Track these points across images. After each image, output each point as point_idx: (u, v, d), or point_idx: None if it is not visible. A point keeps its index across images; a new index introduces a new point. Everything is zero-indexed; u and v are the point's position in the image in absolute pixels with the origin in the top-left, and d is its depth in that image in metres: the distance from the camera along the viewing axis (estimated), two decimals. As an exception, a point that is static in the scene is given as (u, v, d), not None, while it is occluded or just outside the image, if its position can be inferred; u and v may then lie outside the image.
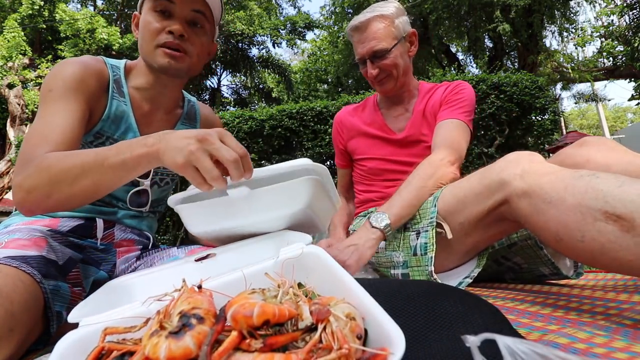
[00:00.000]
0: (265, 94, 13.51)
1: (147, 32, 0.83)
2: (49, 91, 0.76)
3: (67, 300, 0.69)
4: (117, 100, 0.86)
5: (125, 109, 0.87)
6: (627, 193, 0.50)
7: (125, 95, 0.88)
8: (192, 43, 0.85)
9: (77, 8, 11.34)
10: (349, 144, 1.26)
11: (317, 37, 14.40)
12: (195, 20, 0.85)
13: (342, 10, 9.40)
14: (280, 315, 0.30)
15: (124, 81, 0.89)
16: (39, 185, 0.63)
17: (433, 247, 0.78)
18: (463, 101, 1.09)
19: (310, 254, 0.47)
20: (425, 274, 0.79)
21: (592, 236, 0.52)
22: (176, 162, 0.55)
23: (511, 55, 9.53)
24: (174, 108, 0.99)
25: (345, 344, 0.27)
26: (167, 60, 0.82)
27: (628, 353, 0.40)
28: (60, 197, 0.64)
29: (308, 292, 0.40)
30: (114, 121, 0.85)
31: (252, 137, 3.75)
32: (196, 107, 1.07)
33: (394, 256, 0.87)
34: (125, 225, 0.93)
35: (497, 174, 0.70)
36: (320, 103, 3.80)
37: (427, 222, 0.82)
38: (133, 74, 0.91)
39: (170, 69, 0.84)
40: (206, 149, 0.54)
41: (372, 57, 1.09)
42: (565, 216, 0.55)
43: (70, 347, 0.37)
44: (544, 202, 0.59)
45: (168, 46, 0.82)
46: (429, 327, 0.43)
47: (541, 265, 0.85)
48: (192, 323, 0.30)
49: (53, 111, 0.73)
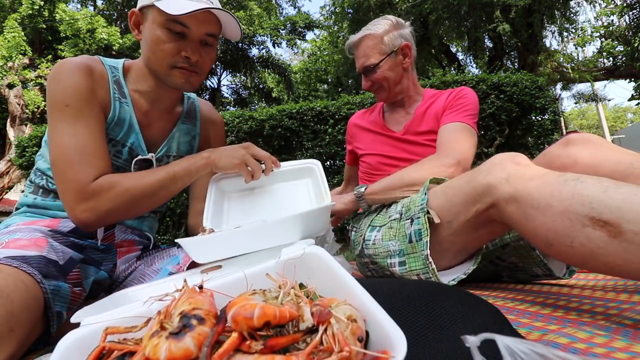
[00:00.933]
0: (265, 94, 13.51)
1: (159, 50, 0.82)
2: (66, 106, 0.77)
3: (67, 300, 0.69)
4: (119, 101, 0.86)
5: (128, 110, 0.88)
6: (612, 199, 0.50)
7: (126, 96, 0.88)
8: (203, 61, 0.87)
9: (77, 8, 11.33)
10: (354, 143, 1.36)
11: (317, 37, 14.40)
12: (207, 41, 0.86)
13: (342, 10, 9.39)
14: (281, 317, 0.30)
15: (124, 82, 0.89)
16: (119, 208, 0.77)
17: (427, 231, 0.79)
18: (466, 105, 1.13)
19: (312, 254, 0.47)
20: (422, 259, 0.80)
21: (581, 242, 0.53)
22: (233, 163, 0.84)
23: (511, 55, 9.52)
24: (174, 107, 0.99)
25: (346, 347, 0.27)
26: (182, 81, 0.86)
27: (628, 353, 0.40)
28: (140, 210, 0.84)
29: (309, 293, 0.40)
30: (117, 123, 0.86)
31: (252, 137, 3.75)
32: (196, 104, 1.07)
33: (391, 245, 0.89)
34: (126, 226, 0.93)
35: (483, 177, 0.70)
36: (320, 103, 3.80)
37: (418, 209, 0.84)
38: (132, 76, 0.91)
39: (185, 88, 0.89)
40: (251, 152, 0.86)
41: (364, 72, 1.22)
42: (554, 222, 0.56)
43: (71, 346, 0.37)
44: (532, 208, 0.59)
45: (184, 68, 0.85)
46: (429, 327, 0.43)
47: (534, 266, 0.86)
48: (193, 324, 0.30)
49: (81, 129, 0.77)
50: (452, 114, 1.12)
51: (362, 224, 1.07)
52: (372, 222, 1.01)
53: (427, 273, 0.80)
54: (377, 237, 0.95)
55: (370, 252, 0.96)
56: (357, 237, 1.06)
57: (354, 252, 1.07)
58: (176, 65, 0.83)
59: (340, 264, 0.42)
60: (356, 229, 1.10)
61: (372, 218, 1.03)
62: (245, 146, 0.86)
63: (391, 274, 0.90)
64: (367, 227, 1.01)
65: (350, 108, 3.71)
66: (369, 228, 1.00)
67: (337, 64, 11.36)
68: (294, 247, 0.49)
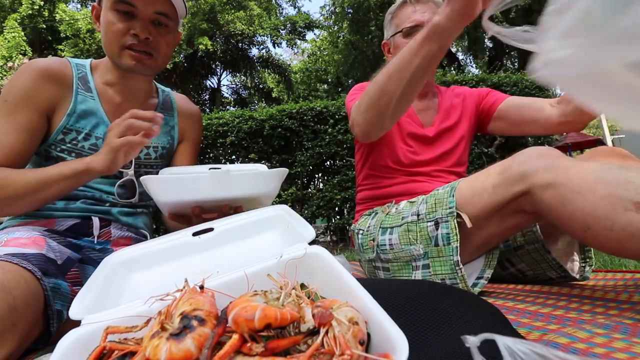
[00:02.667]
0: (265, 94, 13.52)
1: (110, 32, 0.84)
2: (4, 102, 0.81)
3: (67, 299, 0.69)
4: (82, 95, 0.88)
5: (93, 103, 0.89)
6: None
7: (92, 90, 0.89)
8: (157, 43, 0.87)
9: (77, 8, 11.33)
10: None
11: (317, 37, 14.40)
12: (159, 20, 0.87)
13: (342, 10, 9.39)
14: (282, 319, 0.30)
15: (91, 77, 0.90)
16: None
17: (457, 237, 0.78)
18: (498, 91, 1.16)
19: (313, 254, 0.47)
20: (450, 264, 0.78)
21: (622, 225, 0.54)
22: (114, 156, 0.73)
23: (511, 55, 9.53)
24: (147, 99, 1.00)
25: (347, 350, 0.27)
26: (133, 62, 0.85)
27: (628, 353, 0.40)
28: (14, 209, 0.78)
29: (310, 294, 0.40)
30: (82, 116, 0.87)
31: (252, 137, 3.75)
32: (171, 97, 1.07)
33: (413, 250, 0.86)
34: (121, 223, 0.93)
35: (517, 166, 0.71)
36: (320, 103, 3.80)
37: (446, 212, 0.81)
38: (101, 70, 0.93)
39: (137, 70, 0.87)
40: (118, 130, 0.73)
41: None
42: (595, 206, 0.57)
43: (72, 346, 0.37)
44: (572, 193, 0.60)
45: (134, 48, 0.84)
46: (429, 327, 0.43)
47: (548, 270, 0.85)
48: (193, 325, 0.30)
49: (4, 124, 0.80)
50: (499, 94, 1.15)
51: (369, 226, 1.01)
52: (382, 223, 0.96)
53: (454, 279, 0.77)
54: (393, 240, 0.91)
55: (390, 257, 0.92)
56: (366, 241, 1.00)
57: (364, 256, 1.02)
58: (125, 44, 0.84)
59: (341, 264, 0.42)
60: (363, 232, 1.03)
61: (381, 220, 0.98)
62: (110, 128, 0.74)
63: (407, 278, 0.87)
64: (378, 229, 0.96)
65: (350, 108, 3.69)
66: (380, 231, 0.95)
67: (337, 64, 11.37)
68: (296, 246, 0.49)
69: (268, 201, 0.85)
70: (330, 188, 3.73)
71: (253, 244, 0.66)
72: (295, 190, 3.76)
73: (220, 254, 0.64)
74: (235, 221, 0.68)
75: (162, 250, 0.63)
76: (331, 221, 3.95)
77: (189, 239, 0.64)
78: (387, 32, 1.16)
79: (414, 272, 0.86)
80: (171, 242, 0.64)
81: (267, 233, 0.68)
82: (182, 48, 10.56)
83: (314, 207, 3.72)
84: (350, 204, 3.83)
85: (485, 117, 1.15)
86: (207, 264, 0.61)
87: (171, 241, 0.64)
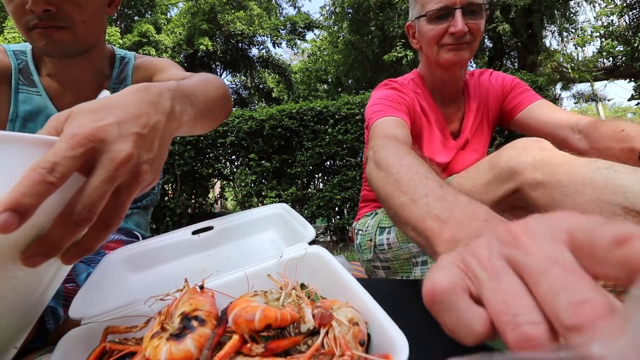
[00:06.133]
0: (265, 94, 13.52)
1: (10, 13, 0.68)
2: None
3: (61, 296, 0.68)
4: (24, 93, 0.75)
5: (40, 100, 0.75)
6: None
7: (36, 84, 0.75)
8: (65, 10, 0.67)
9: None
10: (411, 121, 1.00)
11: (317, 37, 14.40)
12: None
13: (342, 10, 9.38)
14: (282, 320, 0.30)
15: (33, 67, 0.76)
16: None
17: None
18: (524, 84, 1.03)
19: (314, 254, 0.47)
20: None
21: None
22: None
23: (511, 55, 9.52)
24: (99, 80, 0.85)
25: (347, 351, 0.27)
26: (43, 42, 0.68)
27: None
28: None
29: (311, 294, 0.40)
30: (28, 119, 0.74)
31: (252, 137, 3.75)
32: (130, 63, 0.90)
33: (412, 247, 0.86)
34: None
35: (505, 162, 0.68)
36: (320, 103, 3.81)
37: None
38: (44, 60, 0.77)
39: (51, 49, 0.70)
40: None
41: (466, 7, 0.86)
42: (583, 209, 0.56)
43: (72, 345, 0.37)
44: (560, 194, 0.59)
45: (38, 27, 0.67)
46: (429, 327, 0.43)
47: None
48: (194, 325, 0.30)
49: None
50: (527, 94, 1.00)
51: (368, 226, 1.00)
52: (381, 223, 0.95)
53: None
54: (391, 239, 0.90)
55: (389, 256, 0.91)
56: (364, 241, 1.00)
57: (363, 257, 1.01)
58: (29, 25, 0.67)
59: (341, 264, 0.42)
60: (362, 232, 1.02)
61: (379, 220, 0.97)
62: None
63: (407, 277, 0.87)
64: (376, 229, 0.95)
65: (350, 108, 3.70)
66: (378, 231, 0.94)
67: (337, 64, 11.36)
68: (296, 246, 0.49)
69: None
70: (330, 188, 3.73)
71: (253, 242, 0.66)
72: (295, 190, 3.76)
73: (220, 252, 0.64)
74: (234, 220, 0.68)
75: (161, 248, 0.63)
76: (331, 221, 3.95)
77: (188, 238, 0.65)
78: (412, 12, 0.98)
79: (414, 269, 0.86)
80: (170, 241, 0.64)
81: (266, 232, 0.68)
82: (182, 48, 10.56)
83: (313, 207, 3.72)
84: (350, 204, 3.83)
85: (505, 117, 1.07)
86: (207, 263, 0.61)
87: (170, 239, 0.64)
